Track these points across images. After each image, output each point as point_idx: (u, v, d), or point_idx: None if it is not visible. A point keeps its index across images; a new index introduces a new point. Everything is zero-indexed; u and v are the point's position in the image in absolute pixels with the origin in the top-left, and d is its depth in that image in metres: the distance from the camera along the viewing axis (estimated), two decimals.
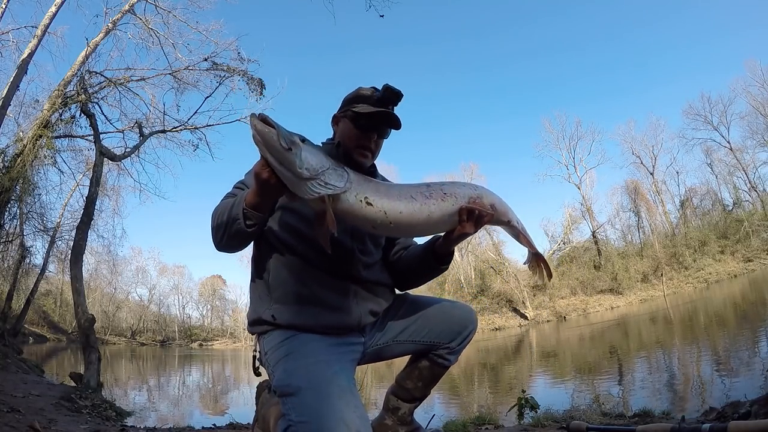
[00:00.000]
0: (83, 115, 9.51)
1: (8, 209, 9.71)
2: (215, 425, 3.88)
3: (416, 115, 58.33)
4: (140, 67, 10.56)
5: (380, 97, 1.29)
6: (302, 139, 1.08)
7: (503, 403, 5.18)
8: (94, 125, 9.39)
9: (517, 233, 1.41)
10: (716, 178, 31.68)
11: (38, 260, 14.42)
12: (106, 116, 10.12)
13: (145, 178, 11.38)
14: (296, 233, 1.28)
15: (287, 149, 1.02)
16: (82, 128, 9.98)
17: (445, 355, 1.48)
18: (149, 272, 44.65)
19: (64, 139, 10.23)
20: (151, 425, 4.32)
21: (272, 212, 1.30)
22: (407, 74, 59.78)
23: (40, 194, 10.75)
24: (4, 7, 9.13)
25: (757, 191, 29.56)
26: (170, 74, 10.52)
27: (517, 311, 28.30)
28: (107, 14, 9.86)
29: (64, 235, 15.22)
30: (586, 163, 33.71)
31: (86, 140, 10.37)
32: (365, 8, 9.58)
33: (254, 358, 1.36)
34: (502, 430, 2.69)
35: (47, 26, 9.19)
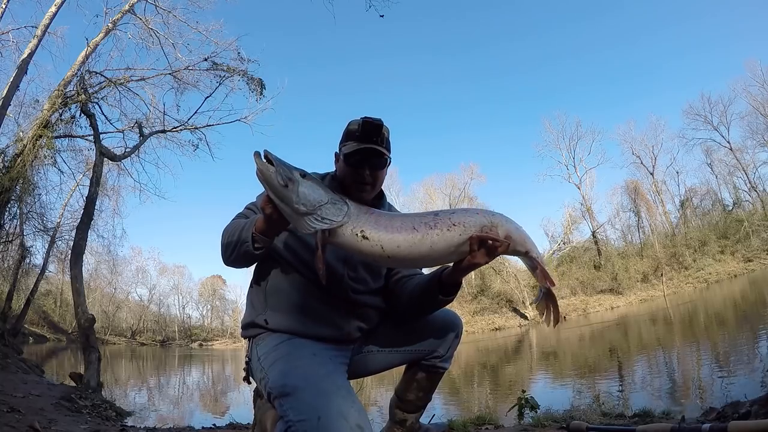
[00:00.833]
0: (83, 115, 9.53)
1: (8, 209, 9.73)
2: (215, 425, 3.89)
3: (418, 121, 58.88)
4: (140, 67, 10.61)
5: (360, 134, 1.30)
6: (303, 174, 1.12)
7: (503, 403, 5.18)
8: (94, 125, 9.40)
9: (534, 265, 1.32)
10: (716, 178, 31.82)
11: (38, 260, 14.45)
12: (106, 116, 10.17)
13: (145, 178, 11.41)
14: (295, 254, 1.35)
15: (284, 186, 1.08)
16: (82, 128, 10.03)
17: (437, 363, 1.51)
18: (149, 272, 44.62)
19: (64, 139, 10.26)
20: (151, 425, 4.33)
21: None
22: (409, 82, 60.15)
23: (40, 194, 10.79)
24: (4, 7, 9.14)
25: (757, 191, 29.60)
26: (170, 74, 10.54)
27: (517, 311, 28.29)
28: (107, 14, 9.90)
29: (64, 235, 15.25)
30: (586, 163, 33.81)
31: (86, 140, 10.40)
32: (365, 8, 9.64)
33: (246, 363, 1.38)
34: (502, 430, 2.70)
35: (47, 26, 9.21)
